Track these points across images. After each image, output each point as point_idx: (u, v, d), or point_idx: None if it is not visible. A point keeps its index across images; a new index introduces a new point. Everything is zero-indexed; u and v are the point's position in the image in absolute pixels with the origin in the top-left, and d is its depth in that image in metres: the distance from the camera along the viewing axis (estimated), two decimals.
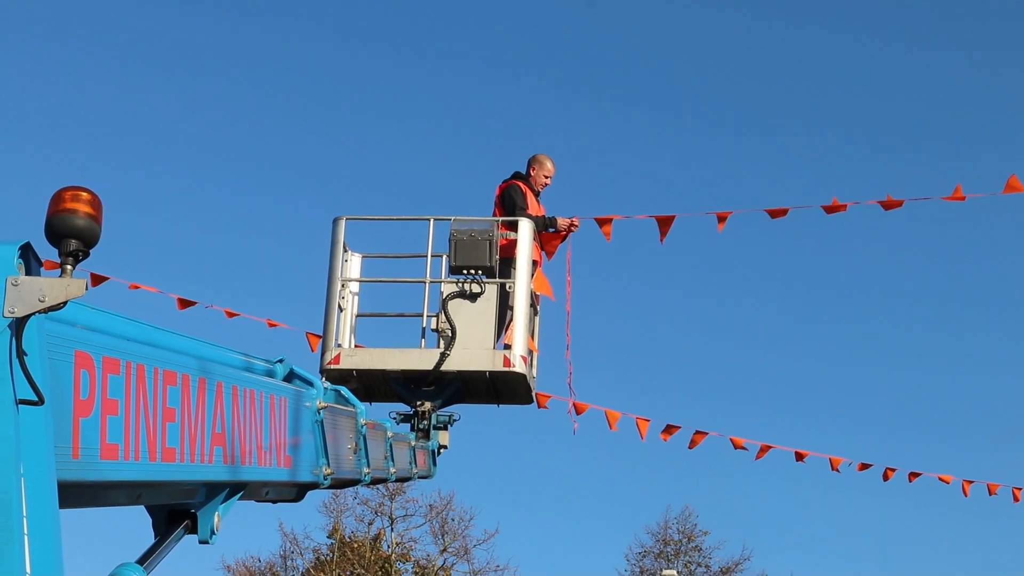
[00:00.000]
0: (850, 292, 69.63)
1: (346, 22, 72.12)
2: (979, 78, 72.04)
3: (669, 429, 16.51)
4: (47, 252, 4.37)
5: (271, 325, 16.11)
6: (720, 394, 67.05)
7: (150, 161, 69.97)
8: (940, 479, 18.01)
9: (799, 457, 17.33)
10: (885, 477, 17.84)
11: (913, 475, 17.95)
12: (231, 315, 16.15)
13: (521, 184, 13.53)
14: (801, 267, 71.66)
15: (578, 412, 14.80)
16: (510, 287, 12.59)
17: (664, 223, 14.39)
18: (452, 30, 72.96)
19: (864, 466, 17.82)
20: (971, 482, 18.22)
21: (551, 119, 71.62)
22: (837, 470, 17.58)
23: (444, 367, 12.28)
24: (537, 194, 13.70)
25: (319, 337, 12.84)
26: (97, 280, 14.83)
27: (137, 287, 15.48)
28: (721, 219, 14.54)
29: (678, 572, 49.09)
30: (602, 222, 14.30)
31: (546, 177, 13.76)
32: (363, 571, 47.08)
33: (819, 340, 69.59)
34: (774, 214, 14.54)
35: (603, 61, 72.59)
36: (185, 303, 15.87)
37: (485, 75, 73.17)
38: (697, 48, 72.50)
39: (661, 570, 49.13)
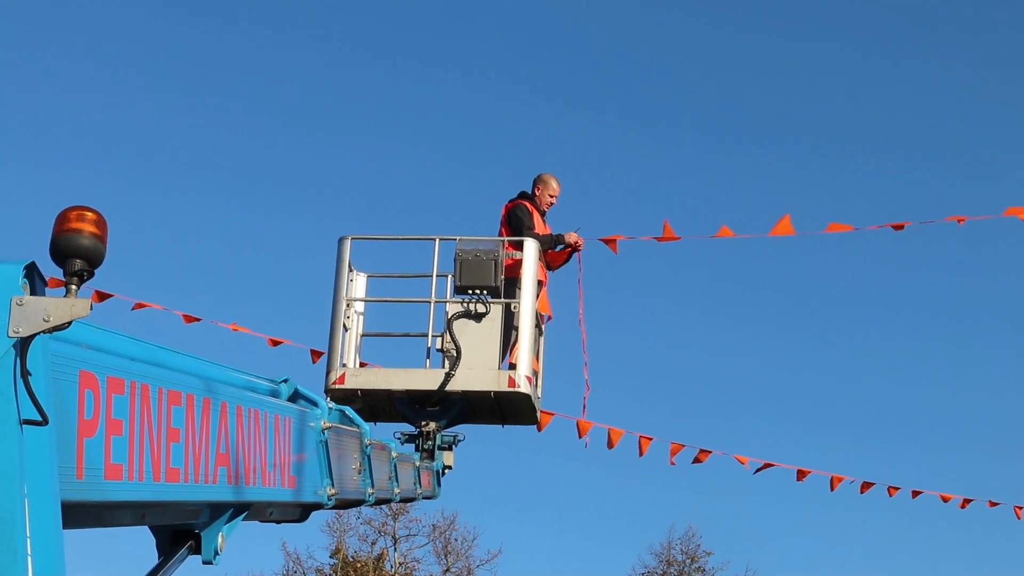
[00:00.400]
0: (853, 308, 69.48)
1: (353, 38, 72.27)
2: (984, 93, 72.08)
3: (672, 448, 16.52)
4: (52, 272, 4.36)
5: (273, 343, 16.07)
6: (724, 411, 66.97)
7: (153, 175, 70.02)
8: (941, 497, 17.96)
9: (800, 476, 17.34)
10: (890, 494, 17.81)
11: (916, 493, 17.90)
12: (235, 330, 16.13)
13: (527, 204, 13.56)
14: (805, 283, 71.53)
15: (581, 432, 14.79)
16: (515, 307, 12.59)
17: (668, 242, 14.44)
18: (460, 45, 73.13)
19: (867, 485, 17.79)
20: (971, 500, 18.17)
21: (559, 135, 71.77)
22: (834, 489, 17.57)
23: (449, 387, 12.28)
24: (543, 214, 13.72)
25: (321, 352, 12.85)
26: (101, 297, 14.82)
27: (143, 306, 15.46)
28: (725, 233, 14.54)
29: None
30: (607, 242, 14.32)
31: (551, 197, 13.78)
32: None
33: (822, 356, 69.47)
34: (779, 228, 14.50)
35: (611, 76, 72.67)
36: (190, 319, 15.86)
37: (492, 91, 73.26)
38: (706, 65, 72.59)
39: None
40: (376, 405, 12.64)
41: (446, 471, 12.72)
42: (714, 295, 70.36)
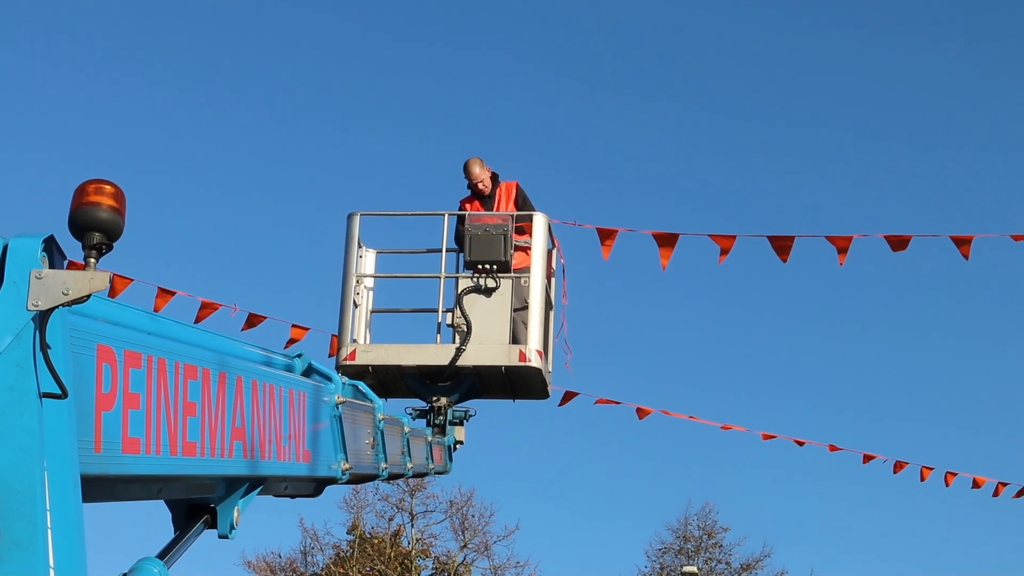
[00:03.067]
0: (880, 287, 69.19)
1: (359, 17, 72.12)
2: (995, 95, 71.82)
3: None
4: (70, 245, 4.40)
5: (295, 337, 16.05)
6: (749, 388, 66.91)
7: (153, 157, 69.93)
8: (975, 480, 17.81)
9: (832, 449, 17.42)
10: (922, 477, 17.72)
11: (951, 475, 17.76)
12: (257, 320, 16.12)
13: (464, 201, 13.52)
14: (828, 262, 71.09)
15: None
16: (525, 282, 12.61)
17: (666, 242, 14.37)
18: (465, 26, 72.91)
19: (900, 465, 17.73)
20: (1006, 484, 18.01)
21: (564, 114, 71.67)
22: (866, 463, 17.58)
23: (460, 362, 12.31)
24: (483, 197, 13.52)
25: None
26: (123, 283, 14.81)
27: (171, 293, 15.47)
28: (724, 247, 14.45)
29: (698, 569, 49.01)
30: (604, 235, 14.37)
31: (473, 181, 13.52)
32: (383, 567, 47.16)
33: (845, 335, 69.22)
34: (779, 243, 14.42)
35: (620, 61, 72.49)
36: (209, 306, 15.83)
37: (499, 70, 73.07)
38: (719, 59, 72.37)
39: (681, 567, 49.00)
40: (387, 381, 12.67)
41: (458, 446, 12.76)
42: (747, 275, 70.13)
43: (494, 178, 13.52)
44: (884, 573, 58.12)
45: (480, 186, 13.50)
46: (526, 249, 12.84)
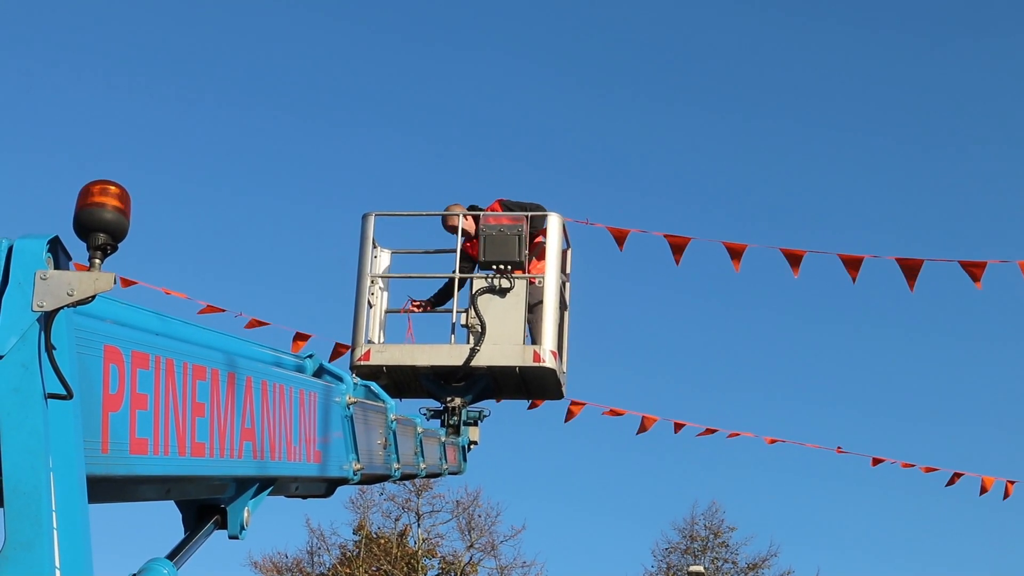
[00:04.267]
0: (887, 289, 69.07)
1: (372, 17, 72.14)
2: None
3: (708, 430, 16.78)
4: (75, 247, 4.37)
5: (300, 341, 16.03)
6: (752, 389, 66.84)
7: (160, 158, 70.02)
8: (984, 480, 17.79)
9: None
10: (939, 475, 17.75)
11: (957, 475, 17.76)
12: (259, 324, 16.09)
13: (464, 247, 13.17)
14: (837, 269, 70.92)
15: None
16: (539, 282, 12.57)
17: (677, 246, 14.38)
18: (480, 26, 72.91)
19: (906, 465, 17.75)
20: (1014, 482, 17.98)
21: (576, 116, 71.64)
22: (875, 466, 17.59)
23: (474, 363, 12.29)
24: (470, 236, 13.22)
25: (347, 347, 12.82)
26: (126, 284, 14.82)
27: (170, 293, 15.47)
28: (736, 255, 14.42)
29: (705, 568, 48.97)
30: (617, 234, 14.38)
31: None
32: (389, 567, 47.17)
33: (852, 337, 69.16)
34: (789, 256, 14.41)
35: (639, 65, 72.43)
36: (213, 310, 15.83)
37: (514, 71, 73.02)
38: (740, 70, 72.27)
39: (688, 566, 49.03)
40: (401, 381, 12.66)
41: (472, 446, 12.74)
42: (753, 278, 70.00)
43: (475, 211, 13.29)
44: (890, 573, 58.08)
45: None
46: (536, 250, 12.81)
